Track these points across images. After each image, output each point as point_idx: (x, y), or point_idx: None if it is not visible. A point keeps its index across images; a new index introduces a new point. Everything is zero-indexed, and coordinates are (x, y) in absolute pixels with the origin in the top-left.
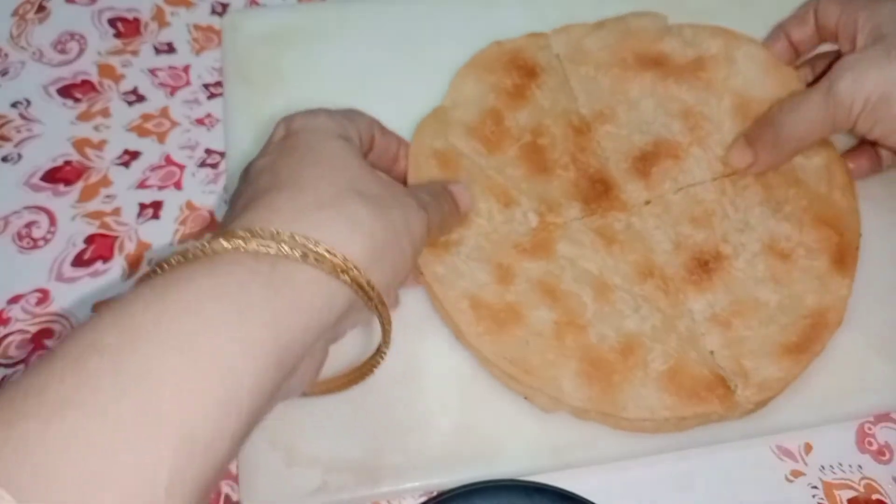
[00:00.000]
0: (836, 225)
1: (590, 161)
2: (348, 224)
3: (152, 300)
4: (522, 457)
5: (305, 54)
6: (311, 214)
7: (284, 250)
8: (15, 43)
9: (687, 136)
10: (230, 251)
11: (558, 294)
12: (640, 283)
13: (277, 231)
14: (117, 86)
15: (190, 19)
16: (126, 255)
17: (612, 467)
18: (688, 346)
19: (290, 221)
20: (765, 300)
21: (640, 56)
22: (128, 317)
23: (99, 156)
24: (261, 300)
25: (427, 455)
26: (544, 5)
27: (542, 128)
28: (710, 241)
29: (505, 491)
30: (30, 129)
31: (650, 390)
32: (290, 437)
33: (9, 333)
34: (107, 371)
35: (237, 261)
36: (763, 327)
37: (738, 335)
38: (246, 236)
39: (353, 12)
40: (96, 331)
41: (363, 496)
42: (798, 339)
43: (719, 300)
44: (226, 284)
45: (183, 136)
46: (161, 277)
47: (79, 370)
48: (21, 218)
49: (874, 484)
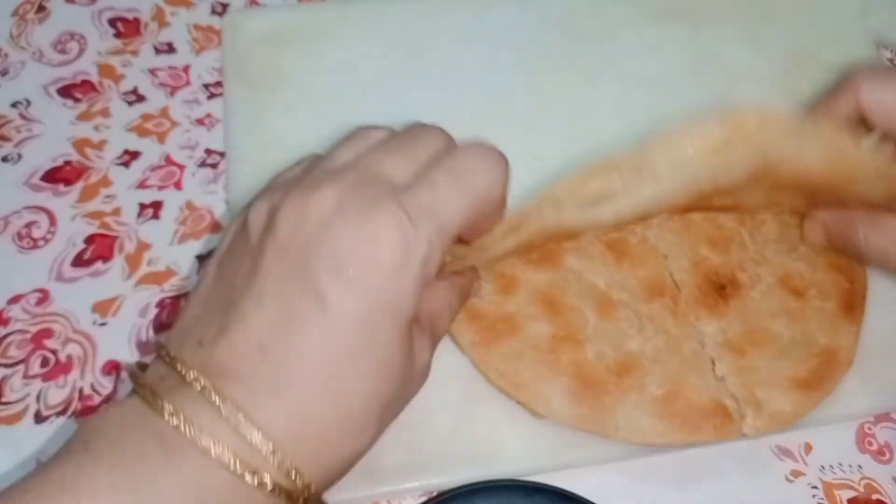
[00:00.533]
0: (847, 272)
1: None
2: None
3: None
4: (522, 457)
5: (306, 54)
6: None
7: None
8: (15, 43)
9: None
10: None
11: (560, 307)
12: (648, 302)
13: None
14: (117, 86)
15: (190, 19)
16: (126, 255)
17: (612, 467)
18: (690, 370)
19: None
20: (778, 333)
21: None
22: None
23: (99, 156)
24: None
25: (427, 455)
26: (544, 5)
27: None
28: (728, 266)
29: (505, 491)
30: (30, 128)
31: (643, 413)
32: None
33: (9, 333)
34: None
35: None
36: (776, 359)
37: (752, 364)
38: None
39: (354, 12)
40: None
41: (363, 496)
42: (809, 376)
43: (733, 326)
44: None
45: (183, 136)
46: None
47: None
48: (21, 218)
49: (874, 484)
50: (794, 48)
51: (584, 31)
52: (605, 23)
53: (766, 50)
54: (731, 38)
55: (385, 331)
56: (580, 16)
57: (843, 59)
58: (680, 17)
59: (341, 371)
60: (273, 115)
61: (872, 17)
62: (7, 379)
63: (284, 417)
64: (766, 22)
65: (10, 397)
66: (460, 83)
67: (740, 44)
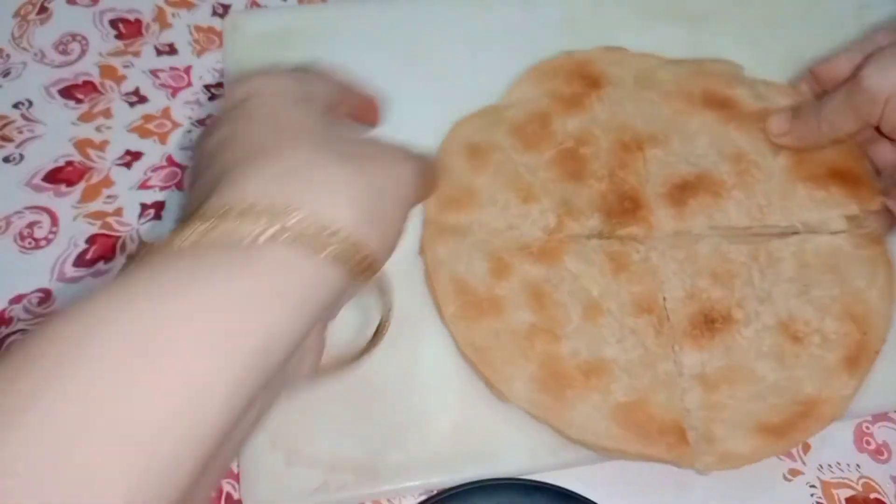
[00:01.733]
0: (862, 323)
1: (628, 178)
2: (330, 189)
3: (112, 300)
4: (522, 455)
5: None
6: (286, 184)
7: (256, 232)
8: (16, 44)
9: (733, 178)
10: (196, 241)
11: (547, 302)
12: (635, 316)
13: (247, 208)
14: (119, 87)
15: (191, 20)
16: (128, 256)
17: (611, 466)
18: (659, 387)
19: (262, 196)
20: (761, 375)
21: (708, 95)
22: (85, 319)
23: (100, 156)
24: (233, 293)
25: (427, 454)
26: (544, 5)
27: (588, 136)
28: (725, 301)
29: (504, 489)
30: (31, 129)
31: (601, 415)
32: (291, 437)
33: (11, 333)
34: (56, 377)
35: (205, 251)
36: (749, 401)
37: (720, 401)
38: (212, 223)
39: (354, 13)
40: (53, 336)
41: (364, 495)
42: (780, 423)
43: (714, 361)
44: (190, 281)
45: (184, 137)
46: (123, 276)
47: (32, 373)
48: (23, 218)
49: (872, 483)
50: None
51: (584, 32)
52: (605, 23)
53: (763, 50)
54: (729, 38)
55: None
56: (580, 16)
57: None
58: (679, 17)
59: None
60: None
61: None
62: None
63: (347, 212)
64: (765, 23)
65: None
66: (460, 83)
67: (739, 44)
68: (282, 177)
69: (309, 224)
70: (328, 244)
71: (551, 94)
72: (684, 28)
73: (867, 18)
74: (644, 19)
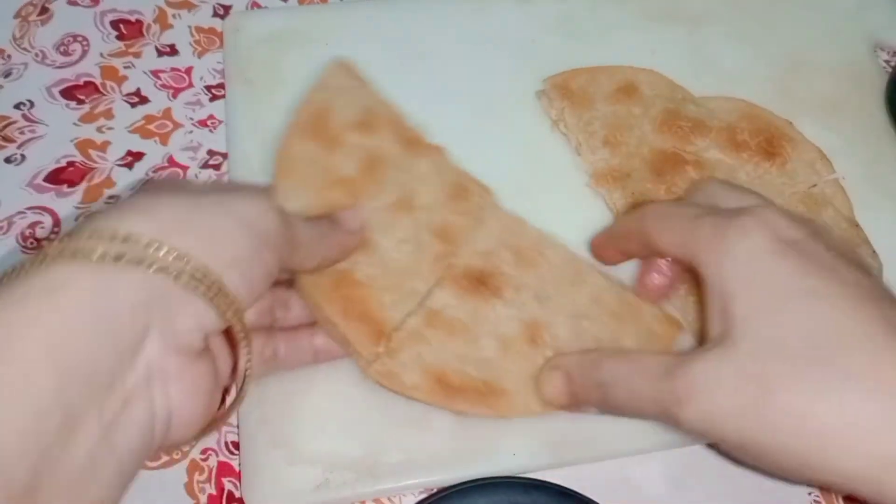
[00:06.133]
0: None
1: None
2: (151, 210)
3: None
4: (521, 454)
5: (307, 56)
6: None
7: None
8: (17, 45)
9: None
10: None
11: (376, 173)
12: (433, 235)
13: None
14: (120, 87)
15: (192, 21)
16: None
17: (610, 464)
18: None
19: (105, 225)
20: (480, 346)
21: None
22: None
23: (102, 157)
24: (43, 310)
25: (427, 452)
26: (544, 5)
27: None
28: (508, 279)
29: (504, 487)
30: (33, 130)
31: (324, 278)
32: (292, 436)
33: None
34: None
35: (56, 268)
36: (450, 354)
37: (428, 336)
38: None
39: (354, 14)
40: None
41: (364, 493)
42: (455, 384)
43: (453, 310)
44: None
45: (186, 138)
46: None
47: None
48: (25, 219)
49: None
50: (791, 49)
51: (584, 32)
52: (604, 23)
53: (763, 51)
54: (728, 39)
55: None
56: (579, 16)
57: (839, 61)
58: (678, 18)
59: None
60: (275, 116)
61: (869, 19)
62: None
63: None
64: (764, 24)
65: None
66: (460, 83)
67: (738, 45)
68: (121, 210)
69: (134, 243)
70: (153, 259)
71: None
72: (682, 29)
73: (867, 18)
74: (642, 21)
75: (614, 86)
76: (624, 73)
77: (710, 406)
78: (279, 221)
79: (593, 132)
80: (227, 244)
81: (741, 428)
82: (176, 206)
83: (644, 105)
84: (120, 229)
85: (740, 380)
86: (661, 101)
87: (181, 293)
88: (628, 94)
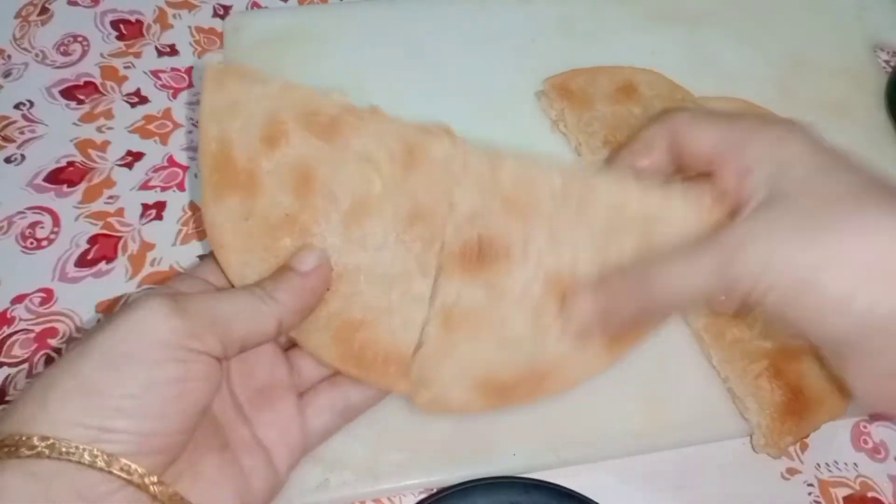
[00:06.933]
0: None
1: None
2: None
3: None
4: (521, 454)
5: (307, 56)
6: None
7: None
8: (18, 45)
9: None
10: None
11: (315, 187)
12: (408, 222)
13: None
14: (120, 87)
15: (192, 21)
16: (129, 256)
17: (610, 464)
18: (403, 309)
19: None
20: (510, 325)
21: None
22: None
23: (102, 157)
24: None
25: (427, 452)
26: (544, 5)
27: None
28: (509, 235)
29: (504, 487)
30: (33, 130)
31: (326, 327)
32: None
33: (13, 333)
34: None
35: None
36: (484, 349)
37: (455, 341)
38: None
39: (355, 14)
40: None
41: (364, 493)
42: (506, 381)
43: (468, 295)
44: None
45: (185, 138)
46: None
47: None
48: (25, 218)
49: (870, 482)
50: (791, 50)
51: (584, 32)
52: (604, 24)
53: (763, 52)
54: (728, 39)
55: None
56: (579, 17)
57: (839, 61)
58: (678, 18)
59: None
60: None
61: (869, 19)
62: (11, 378)
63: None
64: (764, 24)
65: (14, 396)
66: (460, 83)
67: (738, 45)
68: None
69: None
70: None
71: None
72: (682, 29)
73: (867, 19)
74: (642, 21)
75: (614, 86)
76: (624, 73)
77: (769, 246)
78: (183, 330)
79: (593, 132)
80: (134, 411)
81: (796, 265)
82: (70, 402)
83: (644, 105)
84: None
85: (806, 220)
86: (661, 102)
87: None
88: (628, 95)
